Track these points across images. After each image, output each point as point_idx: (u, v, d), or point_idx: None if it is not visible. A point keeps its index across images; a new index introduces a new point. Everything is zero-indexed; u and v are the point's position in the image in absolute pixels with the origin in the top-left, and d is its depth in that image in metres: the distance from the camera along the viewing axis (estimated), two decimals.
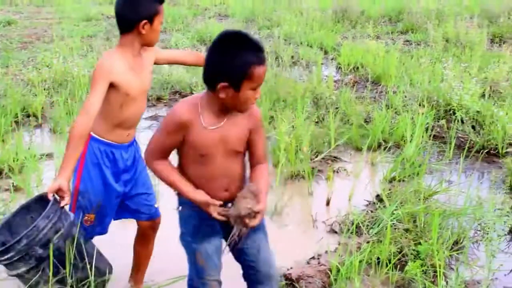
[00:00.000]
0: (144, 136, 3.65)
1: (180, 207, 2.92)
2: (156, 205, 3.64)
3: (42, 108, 7.46)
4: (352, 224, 4.42)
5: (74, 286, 3.08)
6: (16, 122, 6.95)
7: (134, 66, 3.20)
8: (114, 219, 3.60)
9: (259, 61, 2.59)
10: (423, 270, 3.88)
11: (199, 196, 2.75)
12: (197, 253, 2.90)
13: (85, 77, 8.20)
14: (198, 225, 2.89)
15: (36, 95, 7.73)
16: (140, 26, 3.10)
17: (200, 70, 2.73)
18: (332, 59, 11.10)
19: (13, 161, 5.55)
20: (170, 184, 2.83)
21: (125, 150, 3.39)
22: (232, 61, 2.55)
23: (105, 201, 3.38)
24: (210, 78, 2.65)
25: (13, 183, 5.25)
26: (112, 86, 3.08)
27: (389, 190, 5.19)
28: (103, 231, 3.54)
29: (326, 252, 4.18)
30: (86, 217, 3.34)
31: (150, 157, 2.84)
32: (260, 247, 2.96)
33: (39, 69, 9.26)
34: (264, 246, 2.99)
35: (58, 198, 2.93)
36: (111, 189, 3.38)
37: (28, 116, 7.33)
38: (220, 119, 2.73)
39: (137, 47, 3.20)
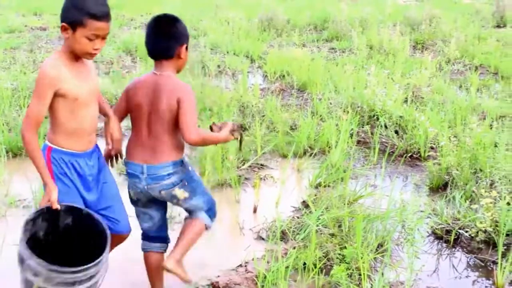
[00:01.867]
0: None
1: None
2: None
3: None
4: (279, 230, 4.45)
5: None
6: None
7: (79, 70, 3.15)
8: None
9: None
10: (348, 274, 3.94)
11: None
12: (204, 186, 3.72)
13: (8, 90, 7.98)
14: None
15: None
16: (62, 29, 3.05)
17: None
18: (258, 67, 11.15)
19: None
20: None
21: (89, 157, 3.30)
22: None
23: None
24: None
25: None
26: (59, 94, 3.03)
27: (315, 195, 5.25)
28: None
29: (253, 259, 4.18)
30: None
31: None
32: None
33: None
34: None
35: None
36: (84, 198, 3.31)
37: None
38: None
39: (73, 53, 3.12)
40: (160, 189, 3.43)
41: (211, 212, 3.72)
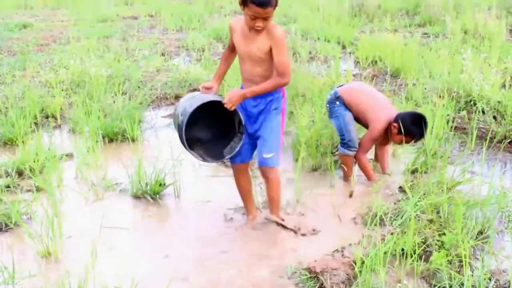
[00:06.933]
0: (163, 134, 3.61)
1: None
2: (266, 156, 4.33)
3: (61, 109, 7.44)
4: (376, 216, 4.36)
5: None
6: (36, 124, 6.91)
7: (247, 35, 4.10)
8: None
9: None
10: (448, 260, 3.84)
11: None
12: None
13: (103, 77, 8.17)
14: None
15: (54, 96, 7.69)
16: (239, 3, 3.99)
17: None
18: (350, 53, 11.05)
19: (34, 161, 5.52)
20: None
21: (253, 99, 4.29)
22: None
23: None
24: None
25: (34, 183, 5.23)
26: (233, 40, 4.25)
27: (412, 181, 5.13)
28: None
29: (350, 244, 4.13)
30: None
31: None
32: None
33: (57, 71, 9.26)
34: None
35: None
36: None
37: (47, 117, 7.31)
38: None
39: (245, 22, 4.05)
40: None
41: None
